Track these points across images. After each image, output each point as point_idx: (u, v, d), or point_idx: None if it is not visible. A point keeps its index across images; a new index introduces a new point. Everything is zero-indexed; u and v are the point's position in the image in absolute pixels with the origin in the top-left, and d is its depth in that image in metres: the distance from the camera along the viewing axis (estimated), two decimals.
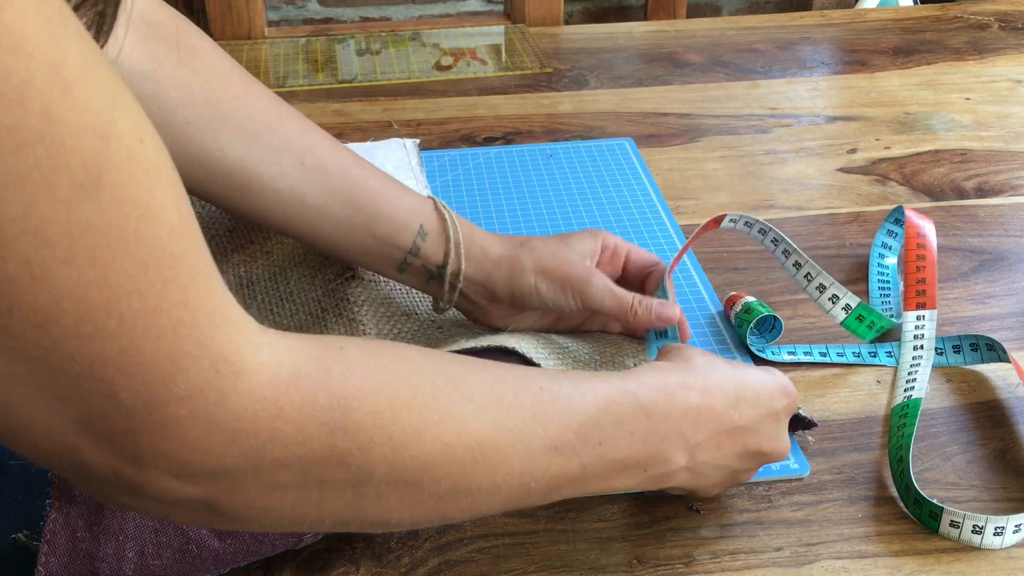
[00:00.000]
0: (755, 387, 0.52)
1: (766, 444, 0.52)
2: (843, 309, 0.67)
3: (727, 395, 0.51)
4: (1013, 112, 1.06)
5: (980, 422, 0.63)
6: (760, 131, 1.03)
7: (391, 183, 0.63)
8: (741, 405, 0.51)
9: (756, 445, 0.52)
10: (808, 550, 0.54)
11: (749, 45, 1.28)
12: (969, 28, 1.32)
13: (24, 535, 0.51)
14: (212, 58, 0.59)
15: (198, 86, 0.58)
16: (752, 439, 0.52)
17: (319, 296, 0.67)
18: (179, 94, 0.57)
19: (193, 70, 0.58)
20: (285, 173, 0.59)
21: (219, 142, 0.58)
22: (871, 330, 0.68)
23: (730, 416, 0.50)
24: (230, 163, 0.59)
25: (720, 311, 0.73)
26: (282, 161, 0.59)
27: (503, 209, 0.87)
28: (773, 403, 0.52)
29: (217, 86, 0.58)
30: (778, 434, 0.53)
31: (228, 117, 0.58)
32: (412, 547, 0.54)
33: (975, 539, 0.53)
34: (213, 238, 0.71)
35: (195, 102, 0.57)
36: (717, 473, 0.52)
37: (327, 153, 0.61)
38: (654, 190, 0.90)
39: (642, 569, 0.53)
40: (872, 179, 0.93)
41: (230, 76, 0.60)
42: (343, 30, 1.38)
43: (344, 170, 0.61)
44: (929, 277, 0.70)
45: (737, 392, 0.51)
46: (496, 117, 1.07)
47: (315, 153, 0.60)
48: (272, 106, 0.61)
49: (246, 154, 0.59)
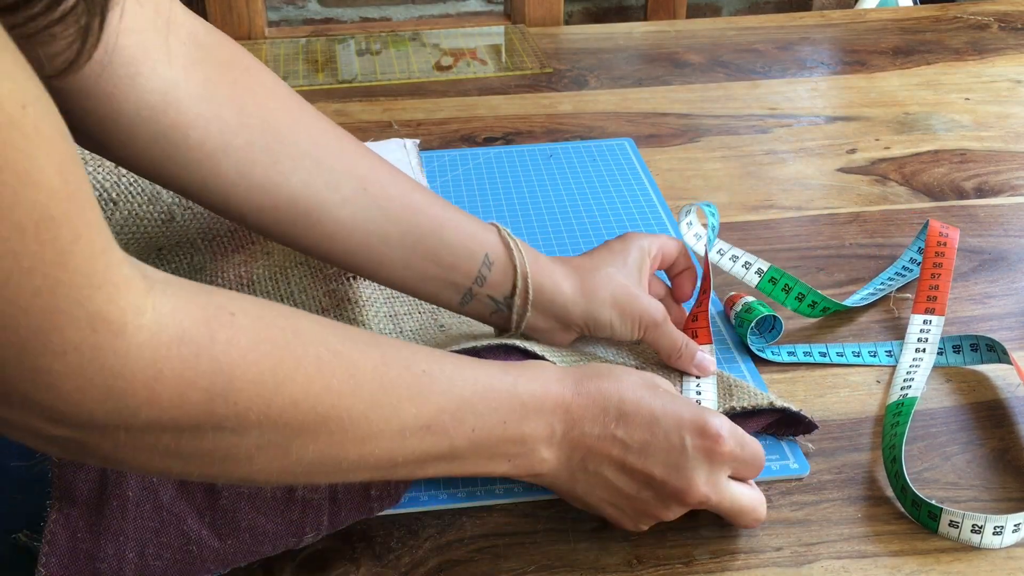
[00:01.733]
0: (657, 412, 0.51)
1: (660, 472, 0.50)
2: (756, 273, 0.71)
3: (610, 405, 0.51)
4: (1013, 112, 1.06)
5: (980, 422, 0.63)
6: (760, 131, 1.03)
7: (453, 210, 0.60)
8: (625, 420, 0.51)
9: (645, 468, 0.51)
10: (808, 550, 0.54)
11: (749, 45, 1.28)
12: (969, 28, 1.32)
13: (24, 535, 0.51)
14: (267, 80, 0.57)
15: (255, 108, 0.55)
16: (638, 461, 0.51)
17: (319, 296, 0.67)
18: (238, 117, 0.54)
19: (250, 92, 0.55)
20: (348, 199, 0.56)
21: (280, 166, 0.55)
22: (787, 294, 0.70)
23: (605, 425, 0.50)
24: (292, 188, 0.55)
25: (720, 311, 0.73)
26: (344, 187, 0.56)
27: (503, 209, 0.87)
28: (673, 435, 0.51)
29: (275, 107, 0.56)
30: (682, 468, 0.51)
31: (288, 141, 0.55)
32: (412, 547, 0.54)
33: (974, 539, 0.53)
34: (214, 238, 0.71)
35: (253, 125, 0.54)
36: (598, 486, 0.52)
37: (388, 179, 0.59)
38: (654, 190, 0.90)
39: (642, 569, 0.53)
40: (872, 179, 0.93)
41: (287, 99, 0.57)
42: (343, 30, 1.38)
43: (405, 196, 0.58)
44: (943, 284, 0.70)
45: (626, 409, 0.51)
46: (496, 117, 1.07)
47: (376, 179, 0.58)
48: (331, 129, 0.59)
49: (308, 179, 0.56)
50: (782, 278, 0.71)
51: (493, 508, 0.57)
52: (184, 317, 0.38)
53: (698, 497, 0.51)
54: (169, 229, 0.68)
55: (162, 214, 0.67)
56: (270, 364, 0.40)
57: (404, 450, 0.45)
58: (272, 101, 0.56)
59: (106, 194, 0.65)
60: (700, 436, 0.51)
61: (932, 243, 0.73)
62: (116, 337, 0.35)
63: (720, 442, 0.51)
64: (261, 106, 0.55)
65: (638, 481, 0.51)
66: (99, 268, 0.34)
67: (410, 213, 0.58)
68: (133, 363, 0.36)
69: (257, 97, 0.55)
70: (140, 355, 0.36)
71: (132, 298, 0.36)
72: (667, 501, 0.52)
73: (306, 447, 0.42)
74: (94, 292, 0.34)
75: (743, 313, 0.69)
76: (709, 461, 0.51)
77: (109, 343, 0.35)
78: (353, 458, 0.44)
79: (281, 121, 0.56)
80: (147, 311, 0.36)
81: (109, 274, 0.35)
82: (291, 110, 0.57)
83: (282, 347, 0.41)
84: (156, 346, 0.36)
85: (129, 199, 0.66)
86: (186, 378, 0.37)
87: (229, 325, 0.39)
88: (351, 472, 0.45)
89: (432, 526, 0.55)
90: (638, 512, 0.52)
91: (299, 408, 0.41)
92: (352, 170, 0.57)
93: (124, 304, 0.35)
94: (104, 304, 0.34)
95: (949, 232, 0.74)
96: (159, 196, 0.67)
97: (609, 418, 0.51)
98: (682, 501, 0.51)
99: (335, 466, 0.44)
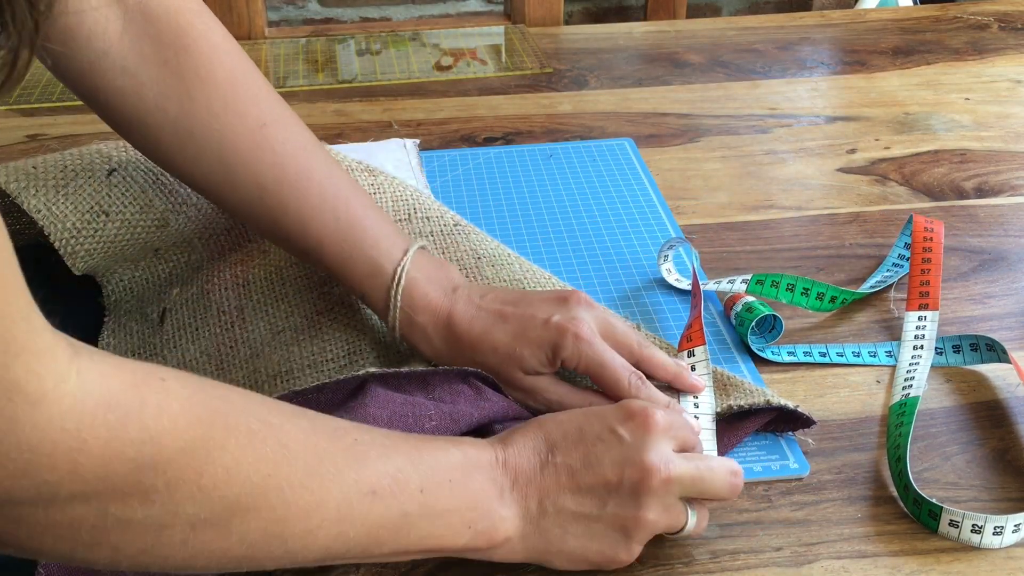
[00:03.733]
0: (579, 423, 0.50)
1: (613, 473, 0.48)
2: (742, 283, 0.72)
3: (538, 441, 0.50)
4: (1013, 112, 1.06)
5: (980, 422, 0.63)
6: (760, 131, 1.03)
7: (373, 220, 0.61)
8: (556, 447, 0.49)
9: (598, 478, 0.49)
10: (808, 550, 0.54)
11: (749, 45, 1.28)
12: (969, 28, 1.32)
13: None
14: (209, 65, 0.57)
15: (176, 94, 0.56)
16: (588, 475, 0.49)
17: (315, 299, 0.66)
18: (156, 99, 0.56)
19: (179, 78, 0.56)
20: (247, 201, 0.59)
21: (186, 153, 0.58)
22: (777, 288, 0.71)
23: (543, 460, 0.49)
24: (196, 180, 0.59)
25: (720, 311, 0.73)
26: (242, 191, 0.59)
27: (503, 209, 0.87)
28: (605, 434, 0.49)
29: (196, 96, 0.57)
30: (628, 457, 0.49)
31: (200, 136, 0.57)
32: None
33: (974, 539, 0.53)
34: (210, 237, 0.70)
35: (169, 110, 0.56)
36: (568, 525, 0.49)
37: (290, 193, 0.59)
38: (654, 190, 0.90)
39: (642, 569, 0.53)
40: (872, 179, 0.93)
41: (223, 89, 0.57)
42: (343, 30, 1.38)
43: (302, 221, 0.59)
44: (933, 279, 0.70)
45: (552, 436, 0.50)
46: (496, 117, 1.07)
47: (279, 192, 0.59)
48: (251, 133, 0.58)
49: (210, 174, 0.58)
50: (767, 278, 0.71)
51: None
52: (112, 382, 0.35)
53: (660, 474, 0.48)
54: (164, 234, 0.68)
55: (155, 221, 0.67)
56: (201, 432, 0.38)
57: (353, 521, 0.43)
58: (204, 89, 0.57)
59: (97, 207, 0.65)
60: (628, 419, 0.50)
61: (919, 239, 0.73)
62: (34, 407, 0.32)
63: (648, 413, 0.49)
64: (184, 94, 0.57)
65: (598, 496, 0.49)
66: (17, 335, 0.32)
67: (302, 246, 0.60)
68: (55, 434, 0.33)
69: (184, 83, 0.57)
70: (62, 426, 0.33)
71: (54, 366, 0.33)
72: (637, 499, 0.48)
73: (247, 523, 0.39)
74: (12, 360, 0.32)
75: (743, 312, 0.69)
76: (649, 436, 0.49)
77: (26, 414, 0.32)
78: (299, 533, 0.41)
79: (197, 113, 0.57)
80: (70, 378, 0.34)
81: (28, 342, 0.32)
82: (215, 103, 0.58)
83: (213, 414, 0.39)
84: (80, 414, 0.34)
85: (121, 209, 0.66)
86: (112, 447, 0.34)
87: (160, 390, 0.37)
88: (301, 552, 0.42)
89: None
90: (618, 529, 0.49)
91: (233, 479, 0.38)
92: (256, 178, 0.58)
93: (44, 372, 0.33)
94: (22, 373, 0.32)
95: (934, 226, 0.73)
96: (151, 204, 0.67)
97: (542, 453, 0.49)
98: (648, 488, 0.48)
99: (280, 544, 0.41)
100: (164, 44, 0.56)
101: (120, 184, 0.66)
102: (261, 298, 0.67)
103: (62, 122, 1.05)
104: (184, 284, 0.69)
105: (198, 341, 0.66)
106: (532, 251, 0.80)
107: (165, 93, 0.56)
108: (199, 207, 0.69)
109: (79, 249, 0.65)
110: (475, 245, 0.69)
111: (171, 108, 0.57)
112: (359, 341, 0.64)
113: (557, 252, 0.80)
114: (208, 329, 0.66)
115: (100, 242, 0.65)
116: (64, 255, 0.64)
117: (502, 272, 0.67)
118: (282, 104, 0.61)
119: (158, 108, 0.56)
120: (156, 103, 0.56)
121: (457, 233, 0.70)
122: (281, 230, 0.60)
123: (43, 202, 0.63)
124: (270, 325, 0.65)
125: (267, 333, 0.65)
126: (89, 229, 0.65)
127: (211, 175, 0.58)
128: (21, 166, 0.65)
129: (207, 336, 0.66)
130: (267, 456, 0.40)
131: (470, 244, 0.69)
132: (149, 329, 0.68)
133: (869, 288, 0.75)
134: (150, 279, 0.70)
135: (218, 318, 0.66)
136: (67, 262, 0.65)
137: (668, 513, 0.50)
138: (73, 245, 0.64)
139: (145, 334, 0.67)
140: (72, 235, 0.64)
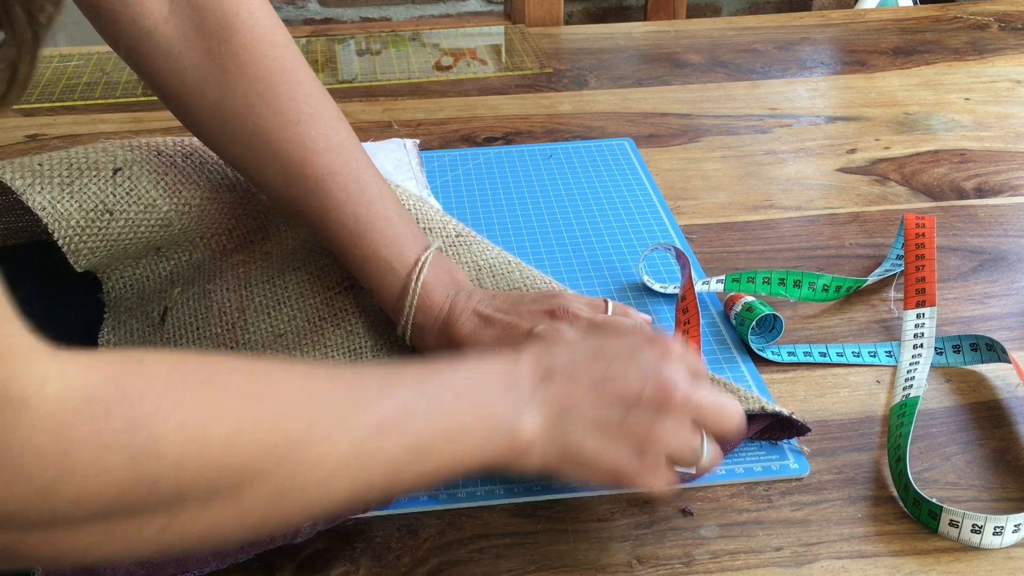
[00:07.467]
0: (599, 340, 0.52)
1: (635, 385, 0.49)
2: (717, 282, 0.73)
3: (559, 351, 0.50)
4: (1013, 112, 1.06)
5: (980, 422, 0.63)
6: (760, 131, 1.03)
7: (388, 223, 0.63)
8: (581, 358, 0.50)
9: (620, 390, 0.49)
10: (808, 550, 0.54)
11: (749, 45, 1.28)
12: (969, 28, 1.32)
13: None
14: (250, 58, 0.60)
15: (216, 82, 0.60)
16: (610, 387, 0.49)
17: (316, 304, 0.66)
18: (196, 83, 0.60)
19: (219, 67, 0.59)
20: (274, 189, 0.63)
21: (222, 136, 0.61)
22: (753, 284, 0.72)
23: (570, 368, 0.49)
24: (229, 158, 0.63)
25: (720, 311, 0.73)
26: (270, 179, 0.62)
27: (503, 209, 0.87)
28: (620, 344, 0.51)
29: (235, 87, 0.60)
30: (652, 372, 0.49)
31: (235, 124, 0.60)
32: (412, 547, 0.54)
33: (974, 539, 0.53)
34: (212, 236, 0.70)
35: (208, 95, 0.60)
36: (587, 431, 0.48)
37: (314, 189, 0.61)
38: (654, 190, 0.90)
39: (642, 569, 0.53)
40: (872, 179, 0.93)
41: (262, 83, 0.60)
42: (343, 30, 1.38)
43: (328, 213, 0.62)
44: (928, 275, 0.70)
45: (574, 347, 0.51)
46: (496, 117, 1.07)
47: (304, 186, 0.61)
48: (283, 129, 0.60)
49: (241, 158, 0.62)
50: (742, 275, 0.72)
51: (493, 508, 0.57)
52: (93, 376, 0.34)
53: (681, 393, 0.49)
54: (167, 233, 0.68)
55: (159, 221, 0.67)
56: (191, 405, 0.36)
57: (367, 461, 0.42)
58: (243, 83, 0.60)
59: (102, 205, 0.65)
60: (649, 343, 0.51)
61: (911, 236, 0.72)
62: (18, 413, 0.32)
63: (667, 340, 0.51)
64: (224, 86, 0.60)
65: (619, 408, 0.49)
66: None
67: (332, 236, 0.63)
68: (41, 437, 0.32)
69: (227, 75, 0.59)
70: (48, 428, 0.32)
71: (36, 368, 0.33)
72: (656, 413, 0.48)
73: (259, 487, 0.38)
74: None
75: (744, 312, 0.69)
76: (669, 359, 0.50)
77: (12, 419, 0.32)
78: (315, 485, 0.40)
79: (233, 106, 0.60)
80: (52, 378, 0.33)
81: (9, 347, 0.32)
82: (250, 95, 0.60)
83: (200, 384, 0.38)
84: (64, 413, 0.33)
85: (126, 208, 0.66)
86: (102, 442, 0.34)
87: (139, 373, 0.36)
88: (322, 500, 0.41)
89: (432, 526, 0.55)
90: (633, 442, 0.48)
91: (235, 446, 0.37)
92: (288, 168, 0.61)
93: (27, 375, 0.32)
94: (4, 379, 0.31)
95: (925, 221, 0.73)
96: (156, 205, 0.67)
97: (566, 362, 0.50)
98: (667, 405, 0.48)
99: (300, 497, 0.40)
100: (207, 33, 0.59)
101: (125, 183, 0.66)
102: (263, 300, 0.67)
103: (62, 122, 1.05)
104: (186, 283, 0.69)
105: (199, 341, 0.66)
106: (532, 251, 0.80)
107: (205, 79, 0.59)
108: (203, 208, 0.69)
109: (82, 247, 0.65)
110: (476, 256, 0.70)
111: (210, 94, 0.60)
112: (361, 347, 0.64)
113: (557, 252, 0.80)
114: (209, 329, 0.66)
115: (103, 241, 0.65)
116: (67, 253, 0.64)
117: (502, 282, 0.68)
118: (323, 100, 0.62)
119: (198, 92, 0.60)
120: (196, 87, 0.60)
121: (459, 244, 0.70)
122: (304, 219, 0.63)
123: (48, 199, 0.63)
124: (272, 327, 0.65)
125: (269, 335, 0.65)
126: (93, 228, 0.65)
127: (242, 159, 0.62)
128: (27, 162, 0.65)
129: (208, 336, 0.66)
130: (265, 414, 0.39)
131: (471, 256, 0.70)
132: (150, 328, 0.68)
133: None
134: (152, 277, 0.70)
135: (219, 318, 0.66)
136: (70, 260, 0.65)
137: (682, 434, 0.49)
138: (76, 243, 0.64)
139: (146, 332, 0.67)
140: (76, 233, 0.64)
